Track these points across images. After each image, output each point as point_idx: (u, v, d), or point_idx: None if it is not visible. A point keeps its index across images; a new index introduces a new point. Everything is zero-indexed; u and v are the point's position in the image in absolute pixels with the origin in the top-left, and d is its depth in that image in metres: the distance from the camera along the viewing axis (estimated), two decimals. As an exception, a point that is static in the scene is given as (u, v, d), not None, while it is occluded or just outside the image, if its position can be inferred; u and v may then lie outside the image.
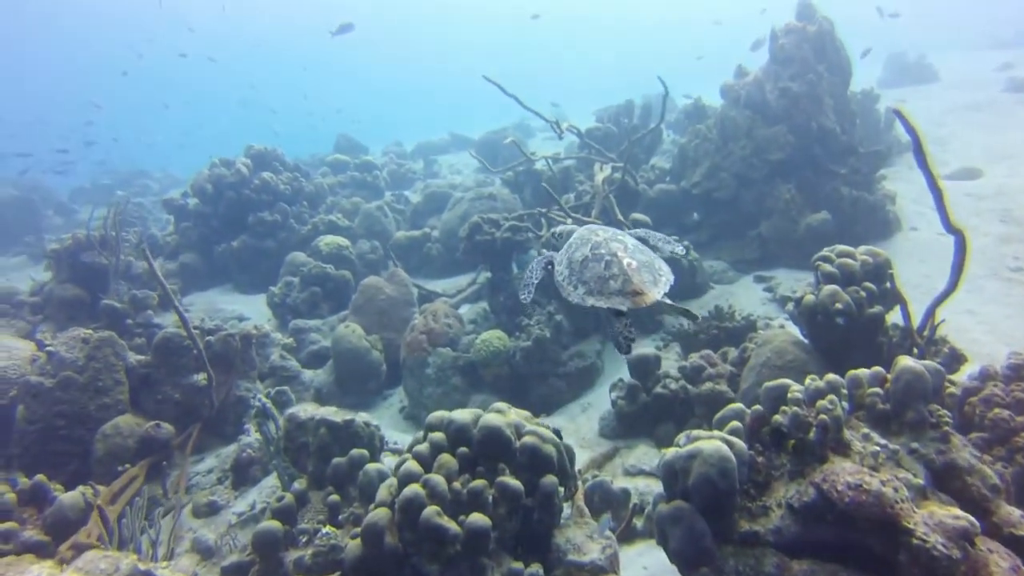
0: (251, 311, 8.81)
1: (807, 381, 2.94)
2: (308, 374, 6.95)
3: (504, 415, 3.46)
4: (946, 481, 2.57)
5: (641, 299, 3.29)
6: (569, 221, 6.42)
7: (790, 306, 4.57)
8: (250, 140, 11.23)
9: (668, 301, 3.34)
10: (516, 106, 7.01)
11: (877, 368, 2.99)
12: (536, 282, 4.14)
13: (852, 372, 3.01)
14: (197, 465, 5.79)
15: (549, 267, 4.09)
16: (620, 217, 6.37)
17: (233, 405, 6.17)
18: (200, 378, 5.93)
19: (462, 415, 3.43)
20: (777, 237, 7.54)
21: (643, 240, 3.79)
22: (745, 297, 6.89)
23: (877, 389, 2.89)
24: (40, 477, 4.89)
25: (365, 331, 6.96)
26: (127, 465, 5.34)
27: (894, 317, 4.32)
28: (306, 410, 4.70)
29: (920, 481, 2.49)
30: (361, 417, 4.76)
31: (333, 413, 4.60)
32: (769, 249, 7.63)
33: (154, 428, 5.54)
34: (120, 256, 8.12)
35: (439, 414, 3.52)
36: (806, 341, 4.32)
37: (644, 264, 3.52)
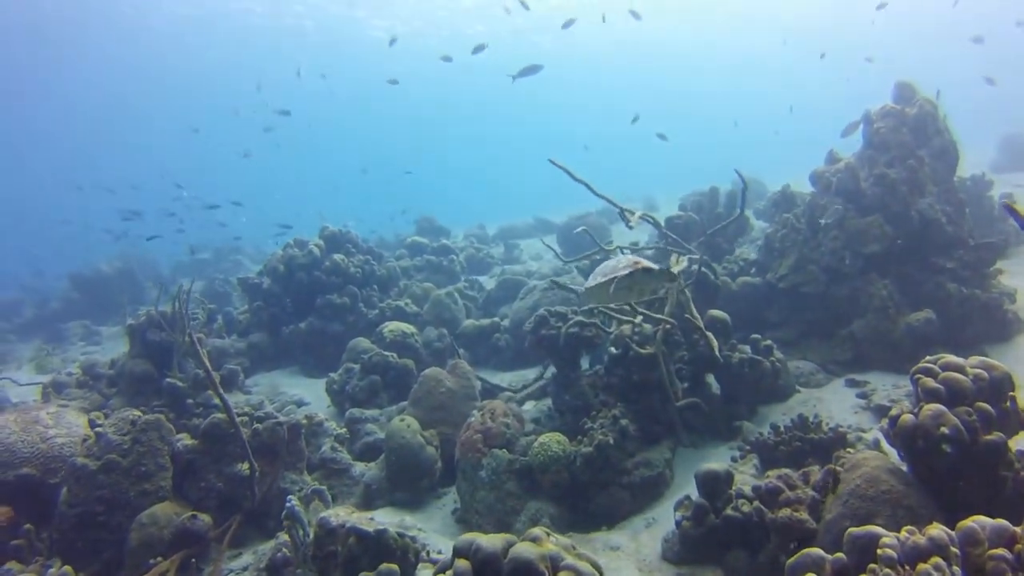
0: (312, 395, 8.64)
1: (903, 533, 2.36)
2: (359, 467, 6.61)
3: (539, 545, 2.98)
4: None
5: (639, 265, 4.27)
6: (638, 319, 5.98)
7: (884, 423, 3.92)
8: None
9: (655, 269, 4.32)
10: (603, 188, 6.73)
11: (1001, 523, 2.38)
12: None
13: (967, 525, 2.40)
14: (233, 561, 5.46)
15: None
16: (695, 313, 5.87)
17: (277, 498, 5.86)
18: (243, 467, 5.67)
19: (492, 542, 2.99)
20: (872, 337, 6.82)
21: None
22: (835, 403, 6.18)
23: (1003, 552, 2.28)
24: (67, 568, 4.68)
25: (422, 424, 6.61)
26: (159, 558, 5.07)
27: (1019, 443, 3.64)
28: (338, 515, 4.34)
29: None
30: (396, 527, 4.36)
31: (365, 522, 4.21)
32: (863, 350, 6.90)
33: (190, 520, 5.27)
34: (187, 334, 8.15)
35: (467, 537, 3.10)
36: (905, 468, 3.67)
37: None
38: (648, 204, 24.19)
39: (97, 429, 5.64)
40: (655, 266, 4.39)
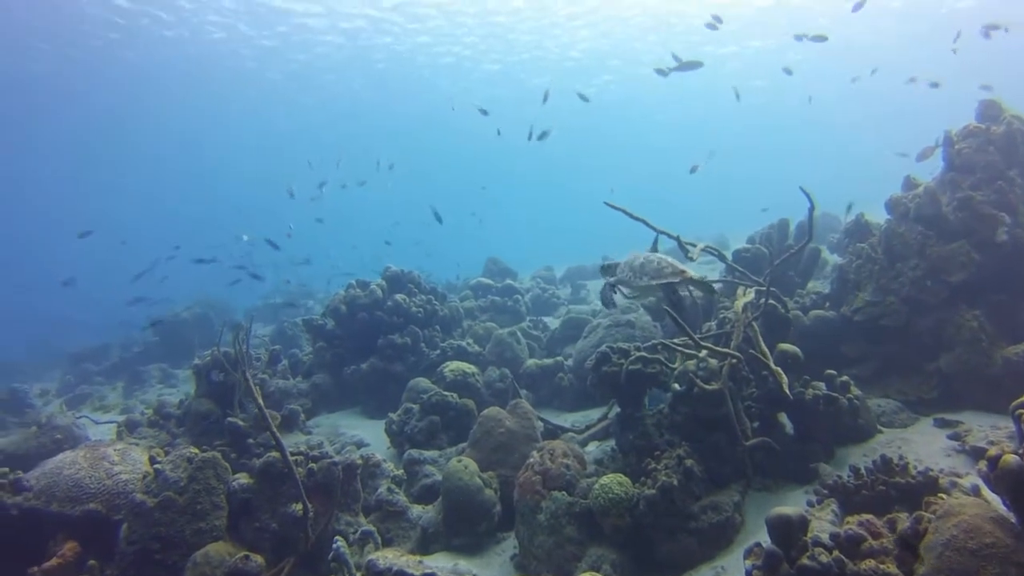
0: (372, 436, 8.57)
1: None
2: (416, 510, 6.45)
3: (590, 593, 2.74)
4: None
5: (685, 274, 4.87)
6: (703, 353, 5.68)
7: (982, 465, 3.50)
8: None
9: (697, 278, 4.98)
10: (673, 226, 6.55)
11: None
12: (613, 296, 5.75)
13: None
14: (287, 606, 5.35)
15: (613, 288, 5.67)
16: (764, 348, 5.54)
17: (331, 540, 5.75)
18: (297, 508, 5.58)
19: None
20: (963, 373, 6.30)
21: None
22: (923, 445, 5.67)
23: None
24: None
25: (481, 466, 6.43)
26: (212, 601, 5.00)
27: None
28: (386, 558, 4.19)
29: None
30: (449, 572, 4.17)
31: (413, 565, 4.05)
32: (953, 387, 6.38)
33: (243, 560, 5.18)
34: (242, 373, 8.25)
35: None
36: (1013, 519, 3.25)
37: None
38: (719, 242, 23.70)
39: (156, 466, 5.67)
40: (698, 277, 5.00)
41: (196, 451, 5.71)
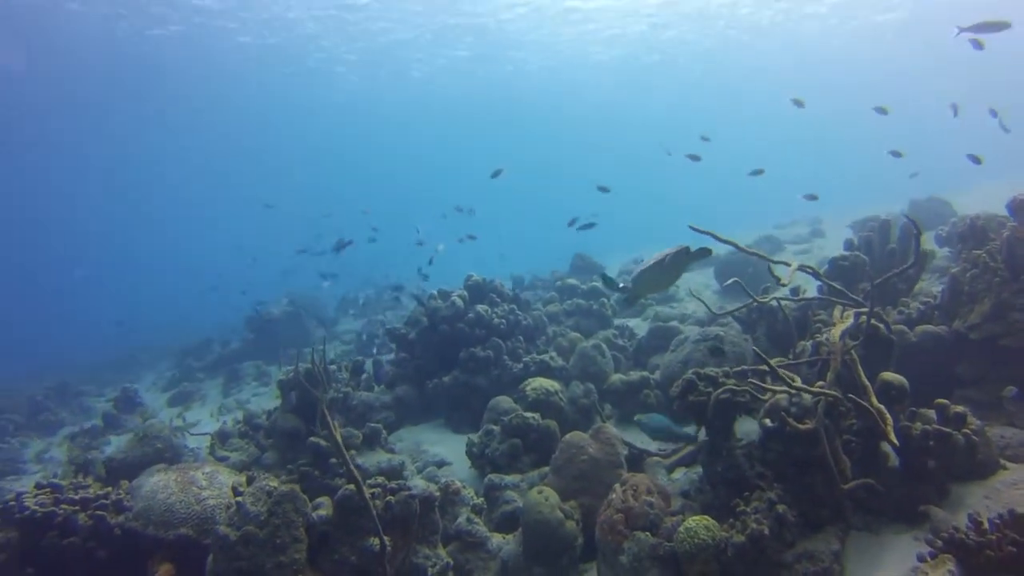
0: (455, 454, 8.48)
1: None
2: (496, 540, 6.33)
3: None
4: None
5: (682, 246, 5.34)
6: (799, 394, 5.26)
7: None
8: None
9: (695, 250, 5.38)
10: (767, 215, 6.22)
11: None
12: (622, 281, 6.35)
13: None
14: (368, 642, 5.33)
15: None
16: (864, 381, 5.08)
17: (409, 574, 5.71)
18: (374, 542, 5.54)
19: None
20: (1108, 404, 5.64)
21: None
22: (1058, 488, 5.07)
23: None
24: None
25: (562, 495, 6.26)
26: (293, 637, 5.02)
27: None
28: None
29: None
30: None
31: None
32: (1095, 419, 5.71)
33: (326, 597, 5.19)
34: (331, 389, 8.32)
35: None
36: None
37: None
38: (813, 228, 22.58)
39: (238, 499, 5.74)
40: (693, 248, 5.37)
41: (275, 484, 5.76)
